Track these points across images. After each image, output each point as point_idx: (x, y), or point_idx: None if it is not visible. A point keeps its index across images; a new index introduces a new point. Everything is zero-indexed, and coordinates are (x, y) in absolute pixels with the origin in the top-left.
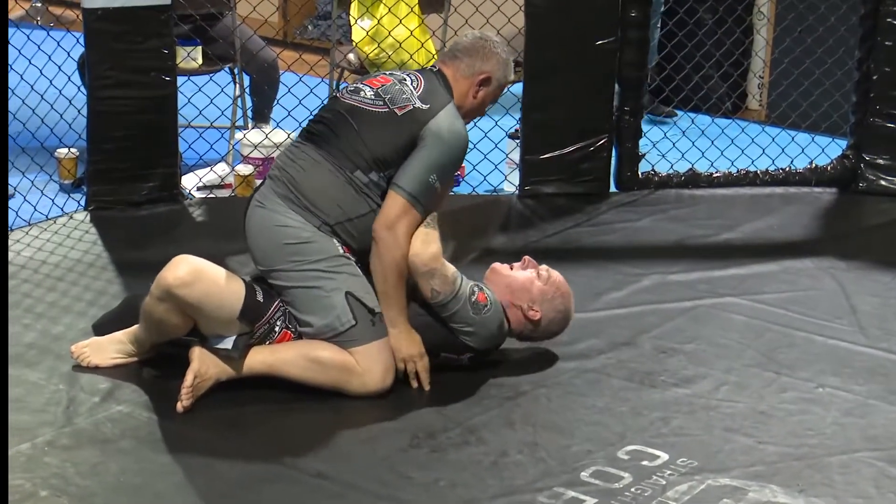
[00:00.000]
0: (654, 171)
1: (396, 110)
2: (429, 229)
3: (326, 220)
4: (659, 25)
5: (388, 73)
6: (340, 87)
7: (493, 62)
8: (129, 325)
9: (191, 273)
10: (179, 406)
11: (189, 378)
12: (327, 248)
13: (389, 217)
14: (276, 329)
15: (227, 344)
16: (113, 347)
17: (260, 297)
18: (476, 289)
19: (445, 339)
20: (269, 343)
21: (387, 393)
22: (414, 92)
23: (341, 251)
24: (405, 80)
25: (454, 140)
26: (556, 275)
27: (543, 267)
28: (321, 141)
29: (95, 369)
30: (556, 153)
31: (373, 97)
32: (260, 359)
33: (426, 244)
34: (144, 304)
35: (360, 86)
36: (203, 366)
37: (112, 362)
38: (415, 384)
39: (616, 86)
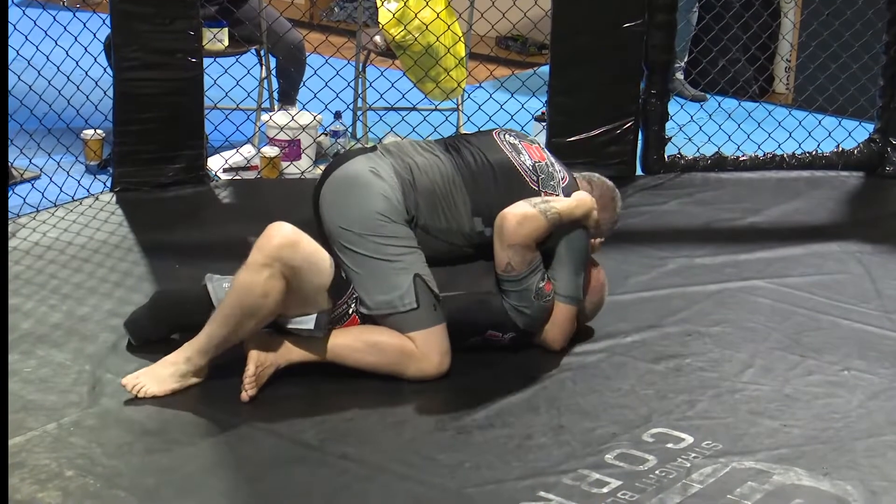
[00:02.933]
0: (681, 155)
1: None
2: (536, 211)
3: (419, 217)
4: (696, 11)
5: (544, 148)
6: (501, 133)
7: (608, 213)
8: (161, 322)
9: (294, 233)
10: (244, 396)
11: (251, 367)
12: (409, 235)
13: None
14: (350, 311)
15: (309, 324)
16: (168, 372)
17: (343, 274)
18: (546, 277)
19: (493, 318)
20: (341, 326)
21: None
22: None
23: (415, 243)
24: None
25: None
26: None
27: None
28: (461, 162)
29: (148, 398)
30: (583, 136)
31: (531, 168)
32: (318, 344)
33: (525, 220)
34: (238, 285)
35: (520, 146)
36: (261, 353)
37: (171, 389)
38: None
39: (643, 69)
